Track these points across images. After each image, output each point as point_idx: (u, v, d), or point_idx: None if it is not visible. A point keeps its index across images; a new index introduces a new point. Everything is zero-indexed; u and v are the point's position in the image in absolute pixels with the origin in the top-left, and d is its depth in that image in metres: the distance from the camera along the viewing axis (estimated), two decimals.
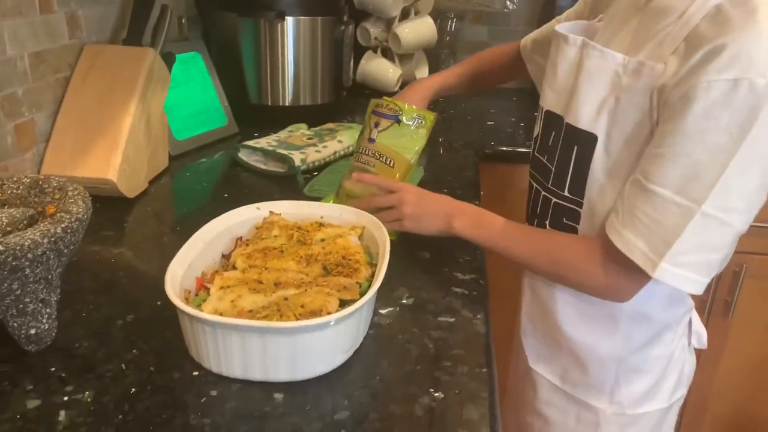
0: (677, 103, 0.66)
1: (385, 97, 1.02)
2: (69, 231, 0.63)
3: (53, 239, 0.61)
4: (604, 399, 0.89)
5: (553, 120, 0.84)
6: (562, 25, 0.84)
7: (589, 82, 0.77)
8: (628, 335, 0.85)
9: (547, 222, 0.86)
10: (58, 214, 0.65)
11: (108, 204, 1.05)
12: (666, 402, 0.91)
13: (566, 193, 0.81)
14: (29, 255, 0.59)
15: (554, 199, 0.83)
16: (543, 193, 0.85)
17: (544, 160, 0.85)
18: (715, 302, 1.62)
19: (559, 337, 0.90)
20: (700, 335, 0.93)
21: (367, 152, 0.99)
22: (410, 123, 0.99)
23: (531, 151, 0.91)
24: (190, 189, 1.21)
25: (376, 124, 0.99)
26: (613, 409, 0.89)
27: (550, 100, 0.85)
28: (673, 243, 0.67)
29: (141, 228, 1.02)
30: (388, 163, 0.98)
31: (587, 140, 0.77)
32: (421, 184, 1.21)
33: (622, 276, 0.74)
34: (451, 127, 1.68)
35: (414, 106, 1.02)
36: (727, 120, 0.63)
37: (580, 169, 0.78)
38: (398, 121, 0.99)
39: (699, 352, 1.68)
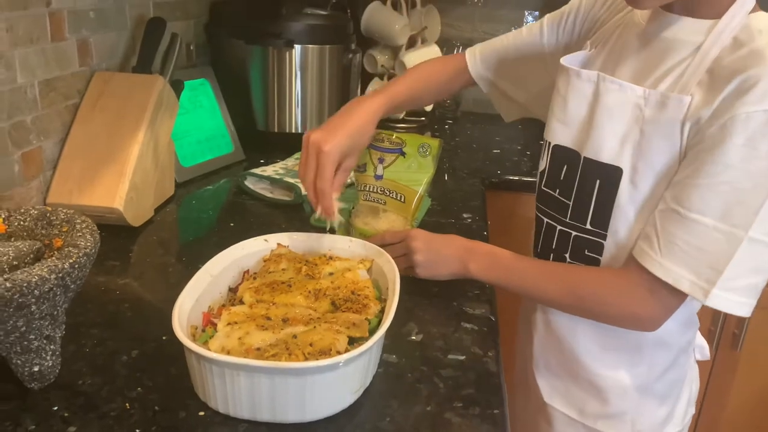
0: (716, 135, 0.68)
1: (381, 131, 0.99)
2: (77, 266, 0.62)
3: (60, 275, 0.60)
4: (625, 429, 0.88)
5: (565, 154, 0.84)
6: (565, 58, 0.84)
7: (609, 116, 0.77)
8: (652, 363, 0.86)
9: (567, 255, 0.85)
10: (66, 249, 0.64)
11: (113, 233, 1.04)
12: (681, 424, 0.92)
13: (588, 226, 0.81)
14: (36, 292, 0.58)
15: (574, 233, 0.83)
16: (560, 227, 0.85)
17: (557, 195, 0.85)
18: (724, 335, 1.61)
19: (577, 369, 0.88)
20: (703, 348, 0.95)
21: (375, 189, 0.98)
22: (416, 154, 0.98)
23: (537, 185, 0.91)
24: (196, 217, 1.20)
25: (380, 160, 0.98)
26: None
27: (560, 135, 0.84)
28: (724, 269, 0.69)
29: (146, 258, 1.01)
30: (399, 198, 0.97)
31: (611, 173, 0.77)
32: (429, 213, 1.20)
33: (653, 305, 0.76)
34: (457, 155, 1.68)
35: (415, 134, 1.01)
36: (766, 147, 0.66)
37: (604, 202, 0.79)
38: (403, 154, 0.98)
39: (705, 388, 1.66)
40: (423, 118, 1.92)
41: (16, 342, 0.62)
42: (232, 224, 1.14)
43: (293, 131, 1.51)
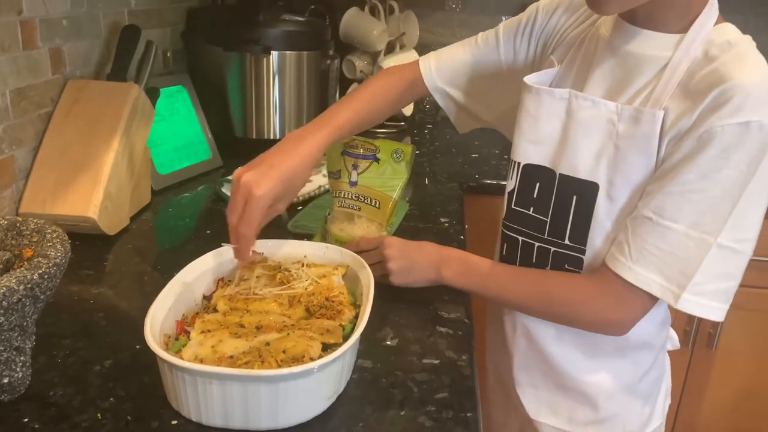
0: (692, 146, 0.70)
1: (355, 137, 0.99)
2: (46, 277, 0.62)
3: (29, 285, 0.60)
4: (616, 431, 0.90)
5: (537, 172, 0.84)
6: (531, 77, 0.83)
7: (584, 132, 0.78)
8: (636, 364, 0.88)
9: (548, 269, 0.86)
10: (36, 259, 0.63)
11: (88, 241, 1.03)
12: (661, 417, 0.94)
13: (566, 242, 0.82)
14: (4, 303, 0.58)
15: (553, 249, 0.83)
16: (538, 244, 0.85)
17: (531, 213, 0.85)
18: (699, 334, 1.63)
19: (563, 380, 0.89)
20: (673, 338, 0.97)
21: (350, 196, 0.98)
22: (389, 160, 0.98)
23: (505, 205, 0.89)
24: (173, 225, 1.20)
25: (354, 166, 0.98)
26: None
27: (530, 154, 0.84)
28: (693, 274, 0.71)
29: (121, 266, 1.01)
30: (374, 204, 0.97)
31: (588, 189, 0.78)
32: (407, 218, 1.21)
33: (624, 309, 0.77)
34: (436, 159, 1.69)
35: (389, 140, 1.00)
36: (737, 158, 0.68)
37: (581, 217, 0.80)
38: (377, 160, 0.98)
39: (682, 387, 1.68)
40: (402, 123, 1.93)
41: None
42: (208, 231, 1.14)
43: (272, 137, 1.51)
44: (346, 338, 0.72)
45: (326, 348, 0.69)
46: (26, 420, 0.64)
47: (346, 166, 0.98)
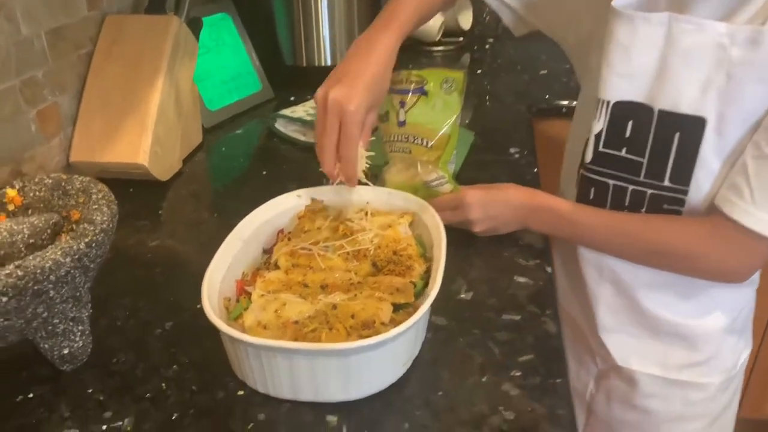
0: None
1: (402, 71, 0.87)
2: (94, 245, 0.57)
3: (77, 257, 0.55)
4: (715, 372, 0.85)
5: (630, 110, 0.73)
6: (618, 1, 0.71)
7: (687, 61, 0.67)
8: (734, 300, 0.83)
9: (642, 212, 0.77)
10: (81, 226, 0.58)
11: (141, 188, 0.99)
12: (750, 343, 0.90)
13: (666, 183, 0.73)
14: (51, 277, 0.54)
15: (650, 191, 0.74)
16: (632, 187, 0.76)
17: (623, 154, 0.75)
18: None
19: (656, 325, 0.82)
20: None
21: (399, 138, 0.87)
22: (439, 91, 0.86)
23: (590, 148, 0.78)
24: (227, 166, 1.14)
25: (402, 103, 0.87)
26: (722, 377, 0.85)
27: (621, 90, 0.73)
28: None
29: (178, 215, 0.97)
30: (423, 143, 0.87)
31: (693, 125, 0.69)
32: (473, 149, 1.11)
33: (746, 257, 0.71)
34: (499, 78, 1.55)
35: (437, 69, 0.88)
36: None
37: (685, 157, 0.70)
38: (425, 93, 0.87)
39: None
40: (461, 39, 1.78)
41: (40, 327, 0.58)
42: (264, 172, 1.08)
43: (323, 64, 1.41)
44: (417, 296, 0.66)
45: (397, 309, 0.63)
46: (90, 391, 0.62)
47: (393, 105, 0.88)
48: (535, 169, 1.06)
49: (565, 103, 1.40)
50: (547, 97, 1.41)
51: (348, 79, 0.72)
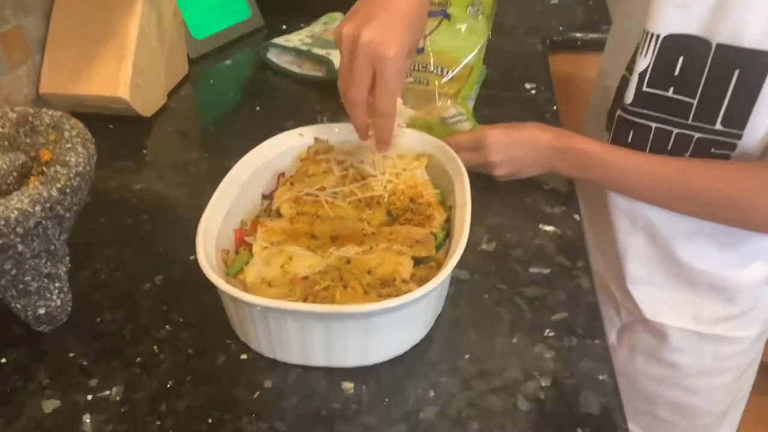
0: None
1: None
2: (68, 191, 0.49)
3: (48, 205, 0.47)
4: (752, 325, 0.80)
5: (683, 44, 0.65)
6: None
7: None
8: None
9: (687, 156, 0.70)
10: (53, 169, 0.50)
11: (123, 125, 0.90)
12: None
13: (718, 127, 0.65)
14: (19, 230, 0.46)
15: (698, 135, 0.67)
16: (677, 131, 0.68)
17: (670, 94, 0.67)
18: None
19: (691, 276, 0.77)
20: None
21: (417, 67, 0.77)
22: (464, 15, 0.77)
23: (632, 88, 0.70)
24: (216, 100, 1.04)
25: None
26: (758, 330, 0.81)
27: (674, 23, 0.65)
28: None
29: (164, 154, 0.88)
30: (444, 74, 0.77)
31: (757, 61, 0.61)
32: (485, 84, 1.02)
33: None
34: (508, 7, 1.43)
35: None
36: None
37: (743, 96, 0.63)
38: (447, 17, 0.77)
39: None
40: None
41: (10, 286, 0.50)
42: (258, 107, 0.98)
43: None
44: (438, 248, 0.59)
45: (417, 263, 0.56)
46: (72, 355, 0.54)
47: None
48: (554, 107, 0.97)
49: (580, 35, 1.30)
50: (560, 28, 1.31)
51: (382, 14, 0.57)
